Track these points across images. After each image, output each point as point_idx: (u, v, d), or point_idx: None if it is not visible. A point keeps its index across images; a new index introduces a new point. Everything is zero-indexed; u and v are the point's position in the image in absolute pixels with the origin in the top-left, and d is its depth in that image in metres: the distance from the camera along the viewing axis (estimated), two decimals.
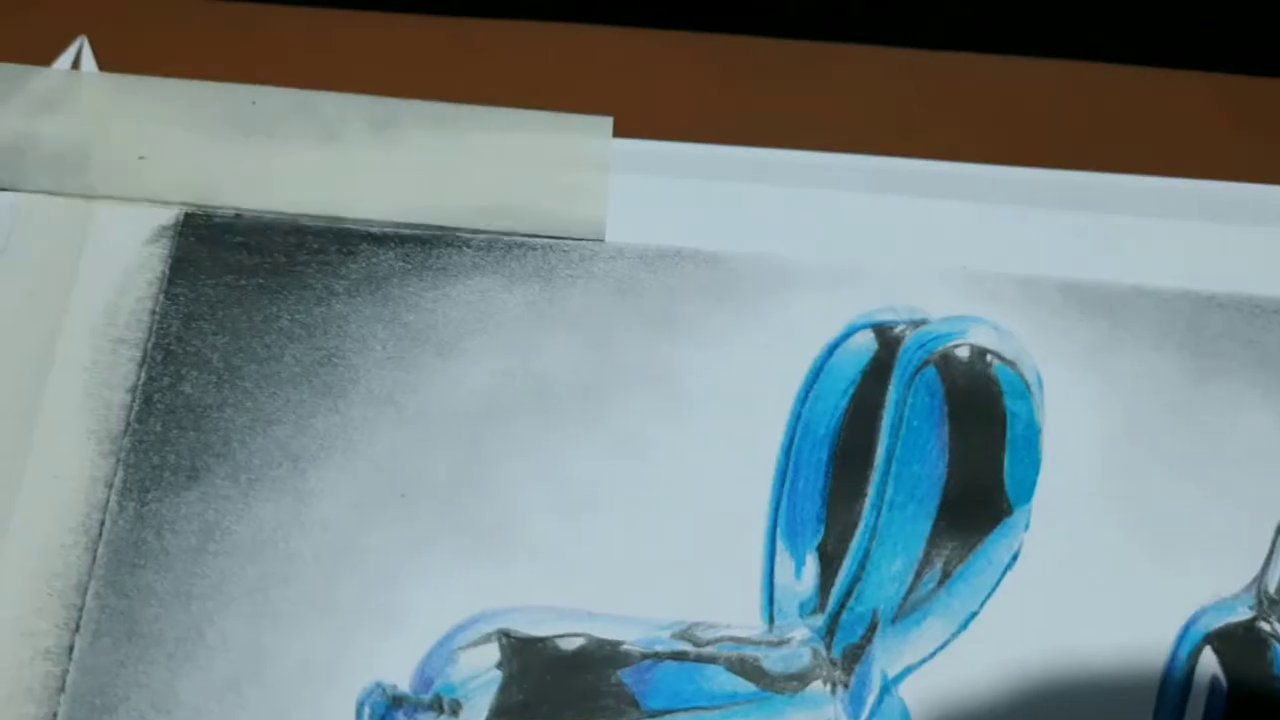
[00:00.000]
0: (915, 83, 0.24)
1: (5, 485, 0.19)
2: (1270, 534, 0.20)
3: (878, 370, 0.22)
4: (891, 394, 0.21)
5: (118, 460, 0.20)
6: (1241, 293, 0.22)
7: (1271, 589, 0.20)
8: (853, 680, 0.19)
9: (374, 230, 0.22)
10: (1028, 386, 0.21)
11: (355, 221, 0.21)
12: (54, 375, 0.20)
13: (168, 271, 0.21)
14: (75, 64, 0.23)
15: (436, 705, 0.19)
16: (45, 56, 0.23)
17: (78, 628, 0.19)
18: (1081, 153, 0.24)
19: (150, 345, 0.21)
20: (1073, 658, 0.19)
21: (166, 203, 0.22)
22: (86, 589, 0.19)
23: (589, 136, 0.22)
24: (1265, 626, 0.20)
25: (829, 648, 0.20)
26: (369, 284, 0.21)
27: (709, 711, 0.19)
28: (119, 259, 0.21)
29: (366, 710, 0.18)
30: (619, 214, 0.22)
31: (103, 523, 0.19)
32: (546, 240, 0.22)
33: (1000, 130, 0.24)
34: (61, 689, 0.18)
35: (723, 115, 0.23)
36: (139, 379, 0.20)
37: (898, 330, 0.22)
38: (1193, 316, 0.22)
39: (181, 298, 0.21)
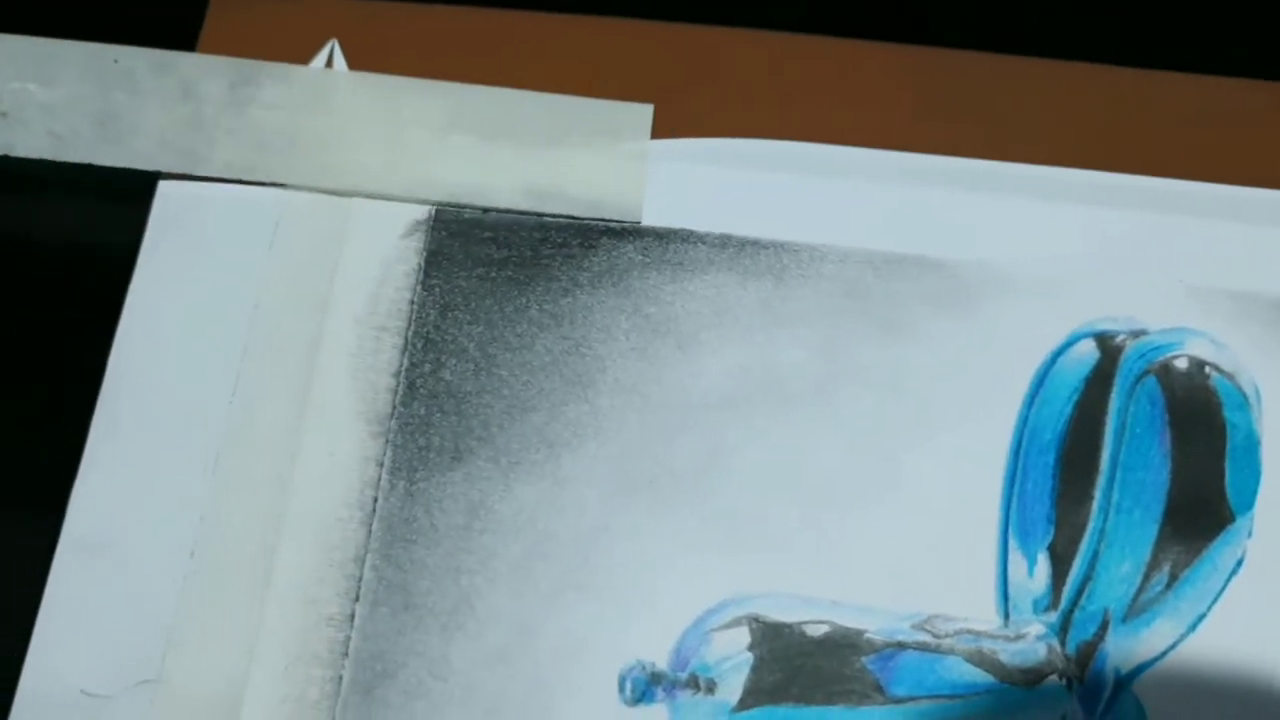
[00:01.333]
0: (1109, 97, 0.25)
1: (284, 462, 0.20)
2: None
3: (1100, 378, 0.22)
4: (1114, 401, 0.22)
5: (386, 441, 0.21)
6: None
7: None
8: (1087, 676, 0.20)
9: (613, 225, 0.23)
10: (1246, 398, 0.22)
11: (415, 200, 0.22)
12: (322, 360, 0.21)
13: (423, 264, 0.22)
14: (329, 65, 0.24)
15: (693, 683, 0.19)
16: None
17: (357, 597, 0.20)
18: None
19: (410, 333, 0.22)
20: None
21: (419, 200, 0.23)
22: (364, 561, 0.20)
23: (629, 121, 0.23)
24: None
25: (1063, 644, 0.20)
26: (610, 276, 0.22)
27: (949, 700, 0.20)
28: (377, 252, 0.22)
29: (628, 685, 0.19)
30: (837, 219, 0.23)
31: (375, 499, 0.21)
32: (777, 240, 0.23)
33: (1208, 147, 0.24)
34: (345, 653, 0.19)
35: (919, 123, 0.24)
36: (401, 365, 0.22)
37: (1118, 340, 0.22)
38: None
39: (437, 288, 0.22)
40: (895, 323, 0.22)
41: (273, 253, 0.22)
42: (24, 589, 0.20)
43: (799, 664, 0.20)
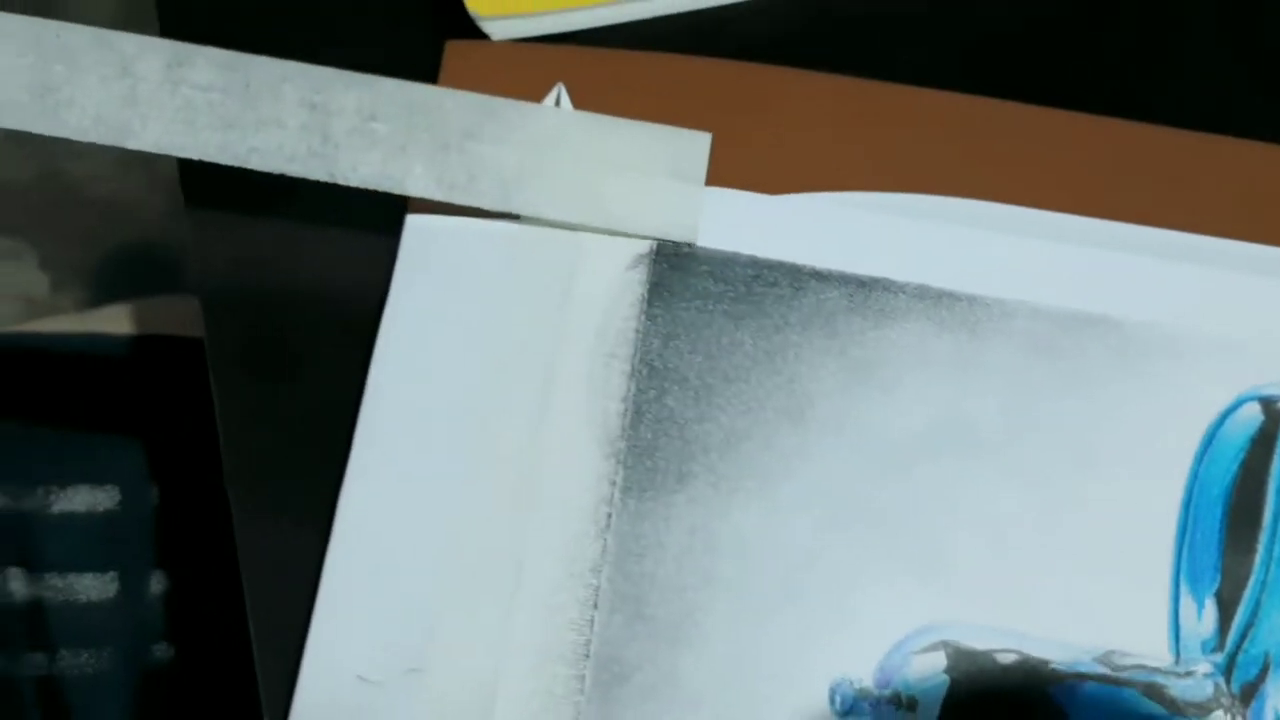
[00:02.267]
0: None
1: (527, 481, 0.23)
2: None
3: (1264, 439, 0.24)
4: (1276, 463, 0.24)
5: (617, 462, 0.23)
6: None
7: None
8: (1249, 713, 0.22)
9: (819, 269, 0.25)
10: None
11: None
12: (559, 386, 0.23)
13: (646, 295, 0.24)
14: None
15: (896, 700, 0.22)
16: None
17: (595, 605, 0.22)
18: None
19: (636, 361, 0.24)
20: None
21: (639, 235, 0.25)
22: (600, 572, 0.22)
23: (688, 147, 0.24)
24: None
25: (1228, 683, 0.22)
26: (819, 318, 0.24)
27: None
28: (605, 283, 0.24)
29: (838, 698, 0.22)
30: (1025, 277, 0.25)
31: (609, 515, 0.23)
32: (970, 294, 0.25)
33: None
34: (586, 655, 0.22)
35: (1098, 190, 0.26)
36: (629, 390, 0.24)
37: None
38: None
39: (660, 319, 0.24)
40: (1078, 378, 0.24)
41: (511, 283, 0.24)
42: (301, 585, 0.22)
43: (990, 688, 0.22)
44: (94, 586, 0.39)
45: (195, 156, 0.23)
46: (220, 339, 0.25)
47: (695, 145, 0.25)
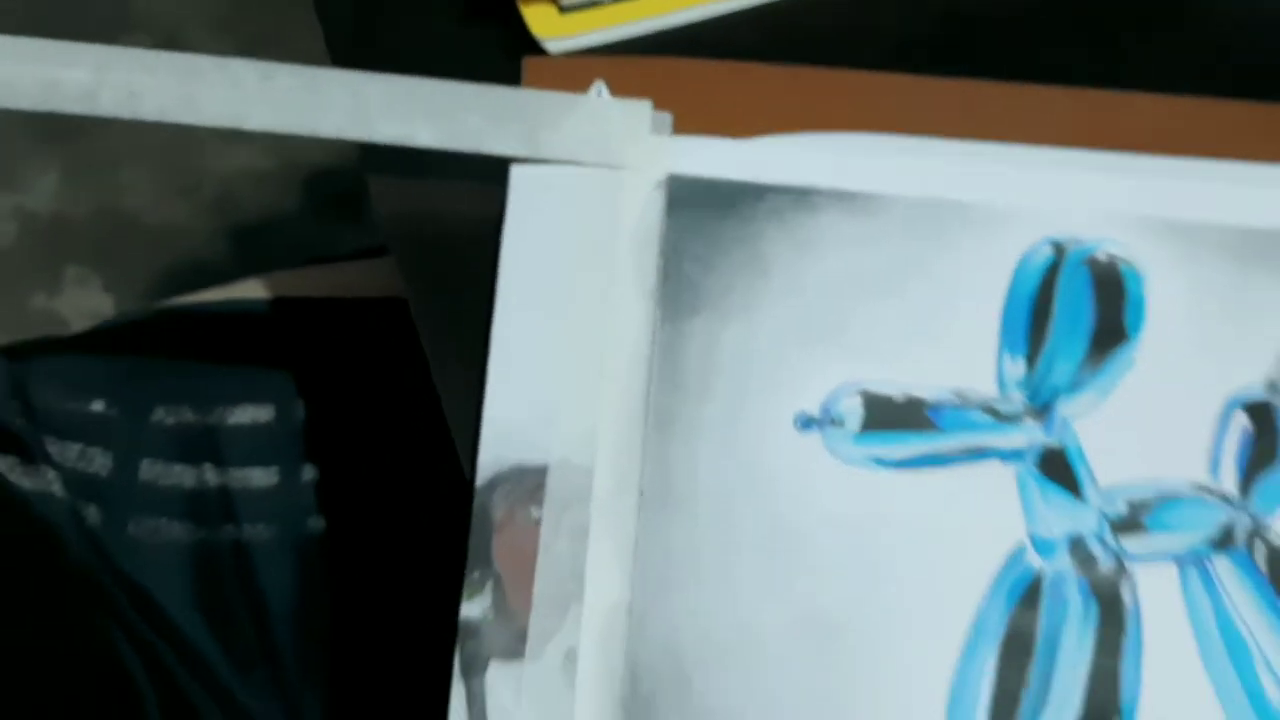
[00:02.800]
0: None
1: (604, 324, 0.37)
2: None
3: (1052, 267, 0.39)
4: (1059, 279, 0.39)
5: (655, 303, 0.38)
6: None
7: None
8: (1044, 421, 0.37)
9: (772, 184, 0.40)
10: (1140, 275, 0.39)
11: None
12: (618, 263, 0.38)
13: (665, 205, 0.39)
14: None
15: (830, 420, 0.36)
16: None
17: (647, 385, 0.37)
18: None
19: (664, 244, 0.39)
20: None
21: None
22: (650, 370, 0.37)
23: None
24: None
25: (1032, 403, 0.37)
26: (774, 215, 0.39)
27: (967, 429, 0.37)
28: (639, 199, 0.39)
29: (798, 421, 0.36)
30: (907, 176, 0.40)
31: (653, 333, 0.37)
32: (868, 192, 0.40)
33: None
34: (643, 411, 0.36)
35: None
36: (660, 262, 0.38)
37: (1065, 245, 0.39)
38: None
39: (674, 219, 0.39)
40: (938, 243, 0.39)
41: (579, 206, 0.39)
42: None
43: (890, 411, 0.37)
44: (262, 477, 0.54)
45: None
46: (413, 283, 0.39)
47: (638, 111, 0.40)
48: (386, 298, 0.55)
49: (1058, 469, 0.36)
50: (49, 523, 0.48)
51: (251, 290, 0.58)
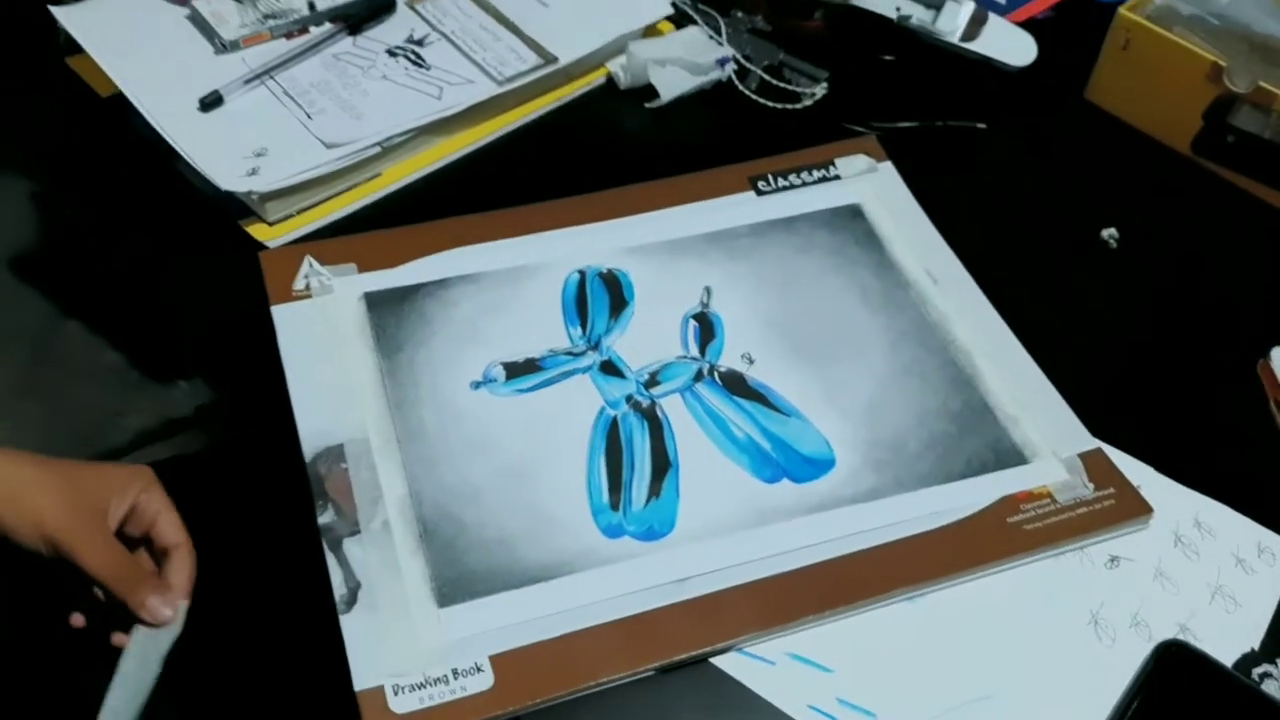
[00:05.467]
0: None
1: (355, 411, 0.67)
2: None
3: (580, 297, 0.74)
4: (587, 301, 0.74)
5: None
6: None
7: None
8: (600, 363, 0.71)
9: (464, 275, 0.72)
10: (632, 282, 0.74)
11: None
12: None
13: (371, 323, 0.71)
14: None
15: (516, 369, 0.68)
16: None
17: None
18: None
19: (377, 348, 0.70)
20: None
21: None
22: None
23: None
24: None
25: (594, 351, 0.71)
26: (490, 289, 0.72)
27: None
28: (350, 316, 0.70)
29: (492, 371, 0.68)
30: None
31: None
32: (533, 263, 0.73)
33: None
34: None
35: None
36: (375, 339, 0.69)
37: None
38: None
39: (383, 326, 0.71)
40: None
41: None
42: None
43: (516, 361, 0.69)
44: None
45: None
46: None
47: (344, 270, 0.72)
48: None
49: (609, 369, 0.69)
50: None
51: None
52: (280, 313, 0.70)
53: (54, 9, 0.83)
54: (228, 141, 0.75)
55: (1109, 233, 0.80)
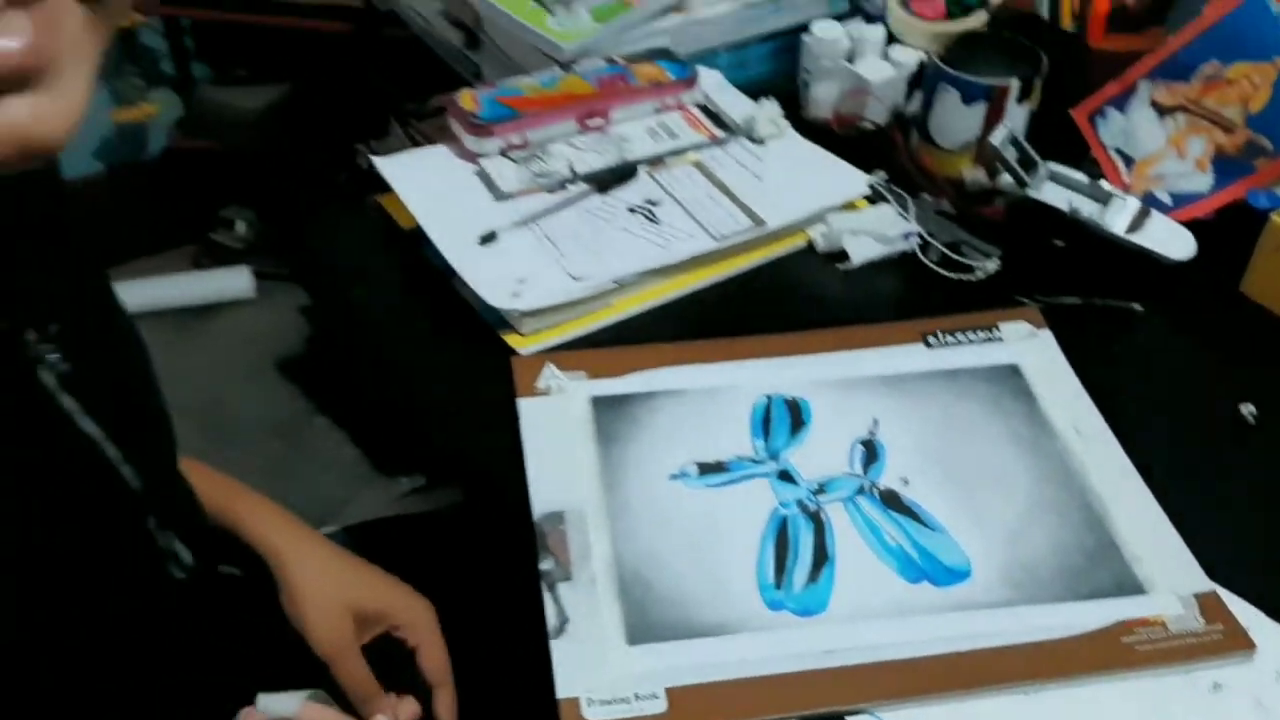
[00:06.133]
0: None
1: (576, 488, 0.84)
2: None
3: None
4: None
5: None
6: None
7: None
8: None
9: (672, 389, 0.89)
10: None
11: None
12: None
13: (595, 425, 0.87)
14: None
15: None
16: None
17: None
18: None
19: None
20: None
21: None
22: None
23: None
24: None
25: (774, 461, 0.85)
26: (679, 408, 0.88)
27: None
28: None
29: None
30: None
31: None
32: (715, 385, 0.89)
33: None
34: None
35: None
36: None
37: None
38: None
39: (604, 423, 0.87)
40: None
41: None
42: None
43: (707, 461, 0.84)
44: None
45: None
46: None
47: (577, 376, 0.89)
48: None
49: (785, 476, 0.83)
50: None
51: None
52: (524, 405, 0.87)
53: (374, 159, 1.06)
54: (498, 270, 0.94)
55: (1248, 409, 0.89)
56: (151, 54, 2.38)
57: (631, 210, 1.03)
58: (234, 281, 2.38)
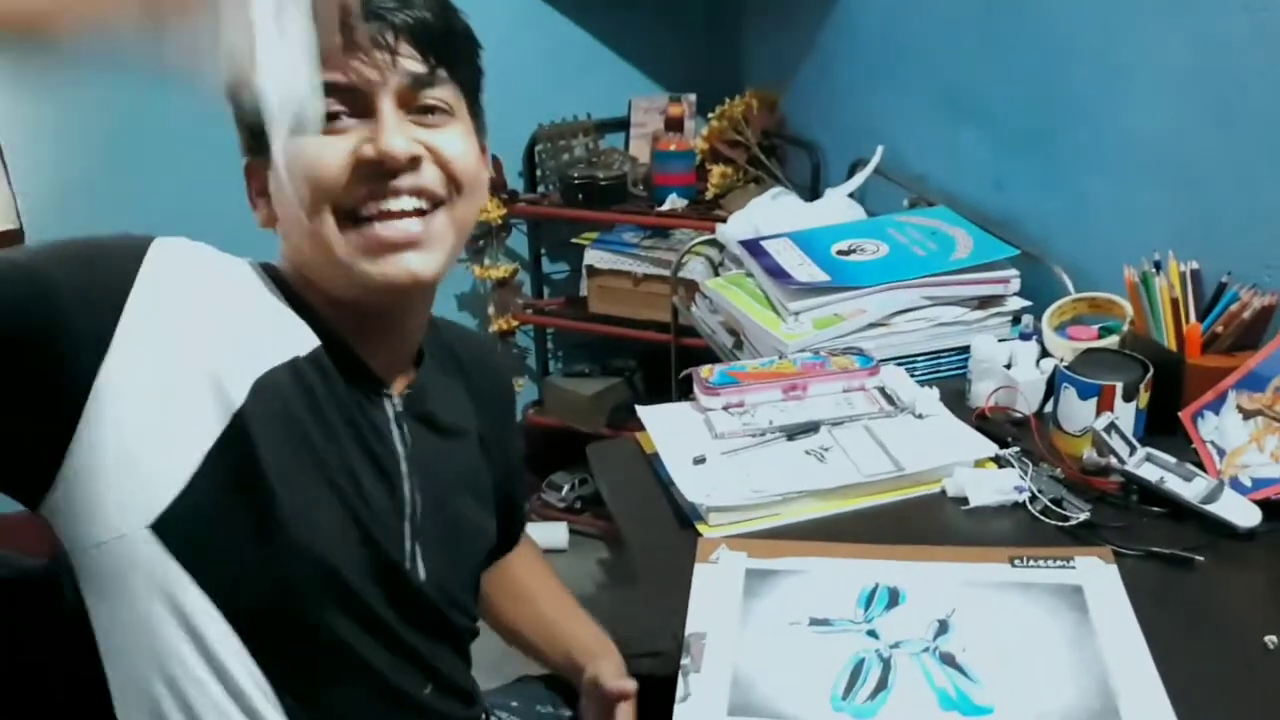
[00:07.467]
0: None
1: (710, 619, 1.19)
2: None
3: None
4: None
5: None
6: None
7: None
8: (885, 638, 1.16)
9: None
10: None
11: None
12: None
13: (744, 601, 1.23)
14: None
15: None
16: None
17: None
18: None
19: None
20: None
21: None
22: None
23: None
24: None
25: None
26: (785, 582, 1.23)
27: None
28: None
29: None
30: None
31: None
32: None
33: None
34: None
35: None
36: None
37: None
38: None
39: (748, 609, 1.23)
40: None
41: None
42: None
43: (816, 618, 1.16)
44: None
45: None
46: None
47: (739, 553, 1.26)
48: None
49: (871, 634, 1.14)
50: None
51: None
52: (699, 569, 1.24)
53: (639, 408, 1.52)
54: (702, 481, 1.35)
55: (1271, 639, 1.11)
56: (520, 350, 3.08)
57: (807, 453, 1.41)
58: (553, 534, 2.92)
